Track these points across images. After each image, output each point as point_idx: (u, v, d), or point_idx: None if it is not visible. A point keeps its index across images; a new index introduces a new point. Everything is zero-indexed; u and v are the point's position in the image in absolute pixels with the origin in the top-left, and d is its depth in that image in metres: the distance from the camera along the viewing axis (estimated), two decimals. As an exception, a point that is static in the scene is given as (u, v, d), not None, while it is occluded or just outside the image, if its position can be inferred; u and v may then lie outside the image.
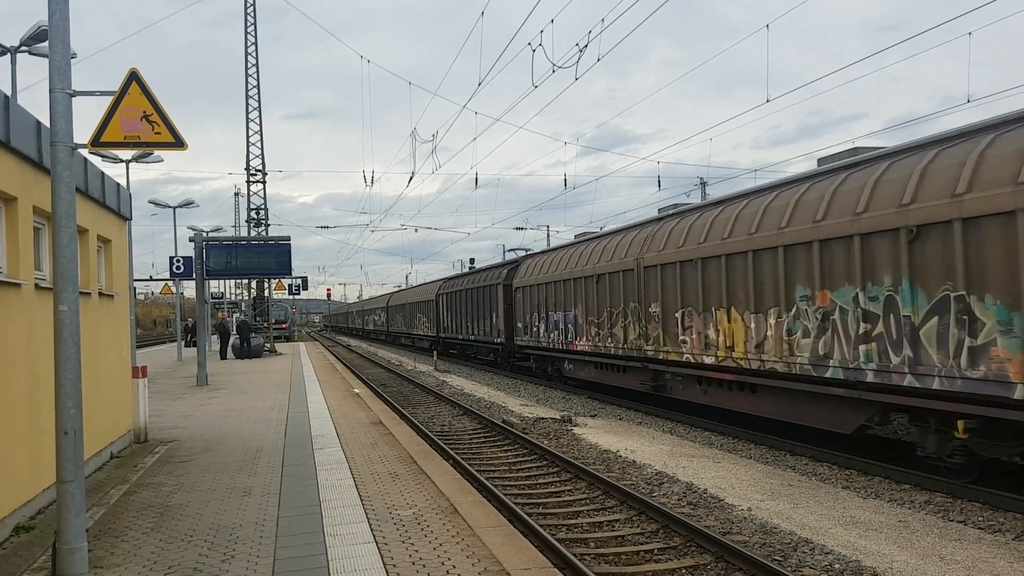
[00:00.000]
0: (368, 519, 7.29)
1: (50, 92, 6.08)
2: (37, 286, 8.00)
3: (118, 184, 12.11)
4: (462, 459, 12.14)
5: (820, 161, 13.39)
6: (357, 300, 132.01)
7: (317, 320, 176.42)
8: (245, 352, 35.34)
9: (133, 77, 6.48)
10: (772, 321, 12.73)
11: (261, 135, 42.26)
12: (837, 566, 7.13)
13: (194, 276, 26.20)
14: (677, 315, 15.81)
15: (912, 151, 10.72)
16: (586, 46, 14.24)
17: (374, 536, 6.73)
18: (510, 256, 47.72)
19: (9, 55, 18.24)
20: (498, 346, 30.69)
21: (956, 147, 9.77)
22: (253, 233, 42.74)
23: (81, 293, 6.99)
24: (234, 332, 37.62)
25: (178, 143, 6.62)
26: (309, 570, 5.90)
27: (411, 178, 32.20)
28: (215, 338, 40.22)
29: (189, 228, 42.43)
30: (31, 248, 8.00)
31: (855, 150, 12.69)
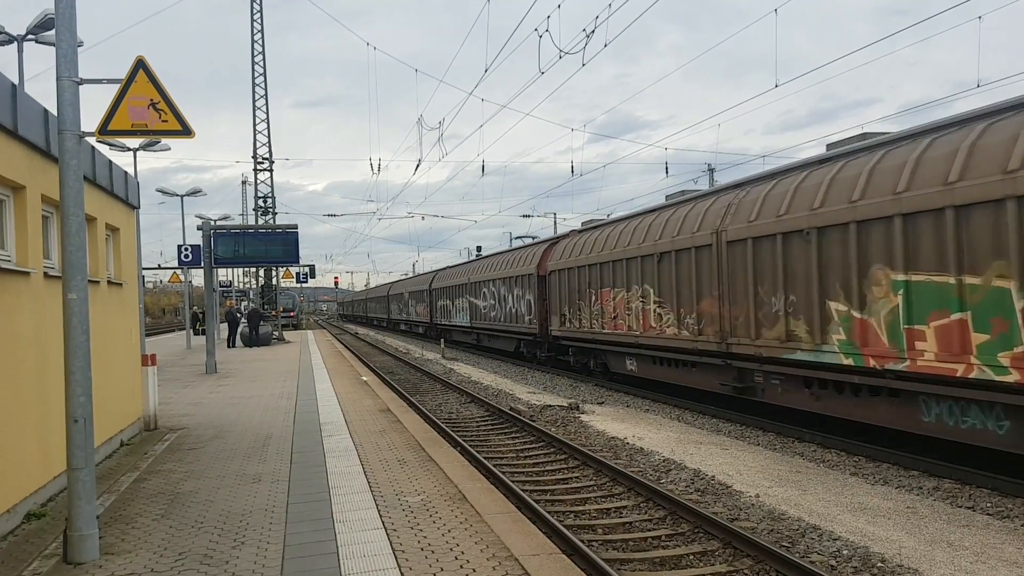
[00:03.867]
0: (377, 505, 7.32)
1: (57, 80, 6.08)
2: (46, 275, 8.02)
3: (126, 172, 12.13)
4: (470, 446, 12.17)
5: (829, 147, 13.31)
6: (384, 280, 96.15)
7: (325, 308, 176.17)
8: (253, 340, 35.45)
9: (140, 65, 6.47)
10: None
11: (268, 123, 42.29)
12: (845, 552, 7.13)
13: (202, 264, 26.28)
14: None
15: None
16: (593, 32, 14.17)
17: (383, 522, 6.76)
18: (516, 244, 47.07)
19: (16, 43, 18.26)
20: None
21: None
22: (260, 221, 42.80)
23: (90, 281, 7.02)
24: (243, 320, 37.72)
25: (185, 131, 6.61)
26: (319, 556, 5.93)
27: (417, 165, 32.14)
28: (223, 326, 40.33)
29: (197, 216, 42.56)
30: (40, 237, 8.02)
31: (864, 135, 12.60)
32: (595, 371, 21.79)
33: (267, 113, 42.13)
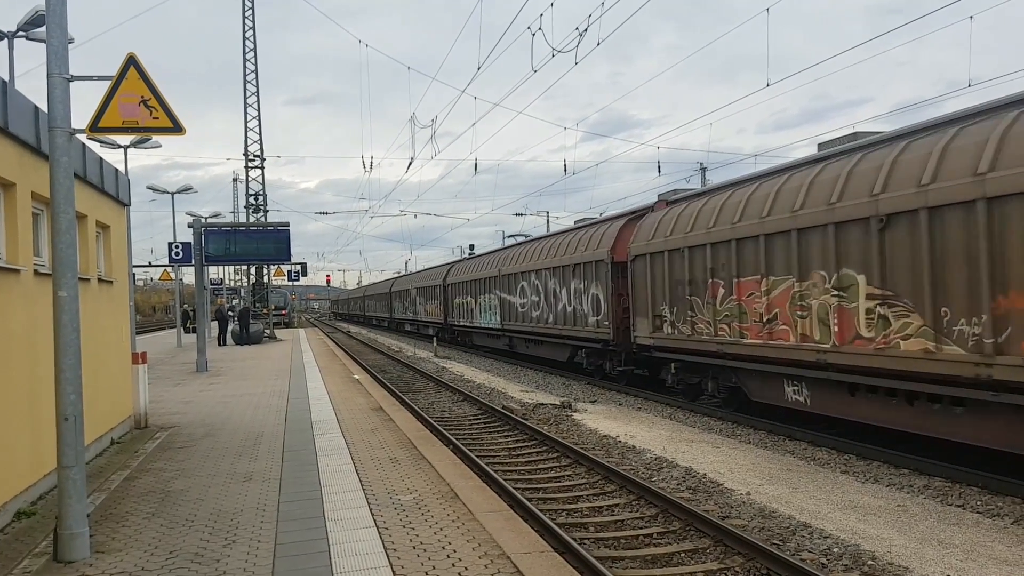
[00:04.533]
0: (369, 504, 7.31)
1: (48, 77, 6.05)
2: (36, 272, 7.99)
3: (116, 170, 12.09)
4: (462, 444, 12.17)
5: (820, 146, 13.35)
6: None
7: (317, 307, 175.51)
8: (244, 338, 35.37)
9: (131, 62, 6.45)
10: None
11: (259, 120, 42.16)
12: (836, 550, 7.16)
13: (193, 262, 26.19)
14: None
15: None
16: (586, 30, 14.18)
17: (375, 521, 6.75)
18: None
19: (7, 40, 18.16)
20: None
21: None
22: (251, 219, 42.67)
23: (80, 279, 6.99)
24: (234, 319, 37.63)
25: (176, 128, 6.59)
26: (310, 554, 5.92)
27: (410, 163, 32.05)
28: (214, 324, 40.25)
29: (188, 214, 42.40)
30: (30, 234, 7.99)
31: (855, 135, 12.64)
32: (716, 397, 15.41)
33: (258, 110, 42.01)
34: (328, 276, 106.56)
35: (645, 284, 17.03)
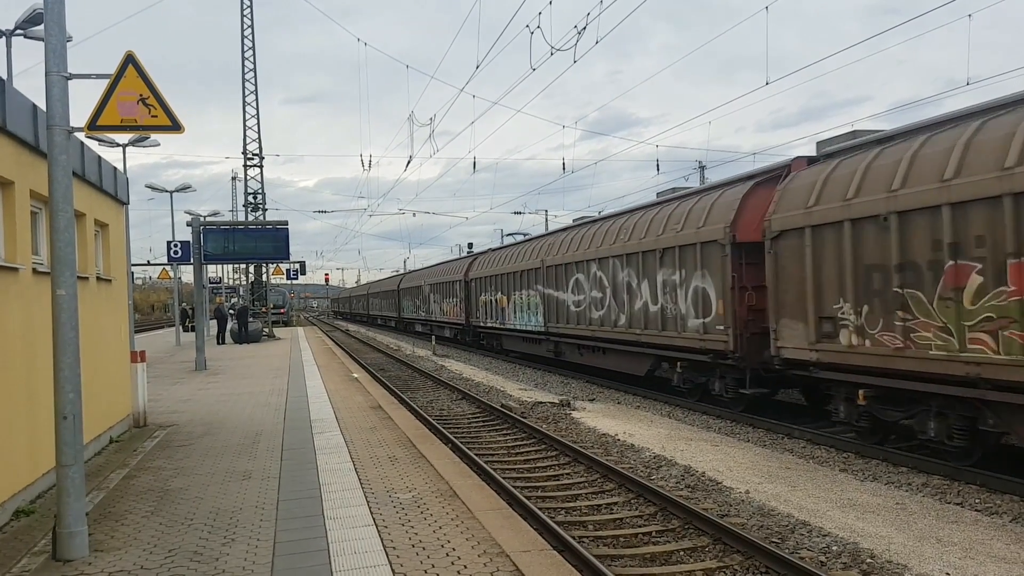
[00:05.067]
0: (368, 502, 7.31)
1: (46, 75, 6.05)
2: (35, 271, 7.98)
3: (115, 168, 12.07)
4: (461, 443, 12.17)
5: (819, 145, 13.35)
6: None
7: (315, 305, 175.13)
8: (243, 337, 35.38)
9: (129, 60, 6.43)
10: None
11: (258, 119, 42.09)
12: (835, 548, 7.17)
13: (191, 261, 26.19)
14: None
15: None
16: (584, 28, 14.16)
17: (374, 519, 6.75)
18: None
19: (5, 38, 18.13)
20: None
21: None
22: (250, 218, 42.62)
23: (79, 278, 6.98)
24: (233, 318, 37.64)
25: (175, 126, 6.58)
26: (309, 553, 5.92)
27: (408, 162, 32.02)
28: (213, 323, 40.27)
29: (187, 213, 42.35)
30: (28, 233, 7.98)
31: (854, 133, 12.65)
32: (945, 445, 9.93)
33: (257, 109, 41.96)
34: (327, 275, 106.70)
35: (801, 271, 11.90)
